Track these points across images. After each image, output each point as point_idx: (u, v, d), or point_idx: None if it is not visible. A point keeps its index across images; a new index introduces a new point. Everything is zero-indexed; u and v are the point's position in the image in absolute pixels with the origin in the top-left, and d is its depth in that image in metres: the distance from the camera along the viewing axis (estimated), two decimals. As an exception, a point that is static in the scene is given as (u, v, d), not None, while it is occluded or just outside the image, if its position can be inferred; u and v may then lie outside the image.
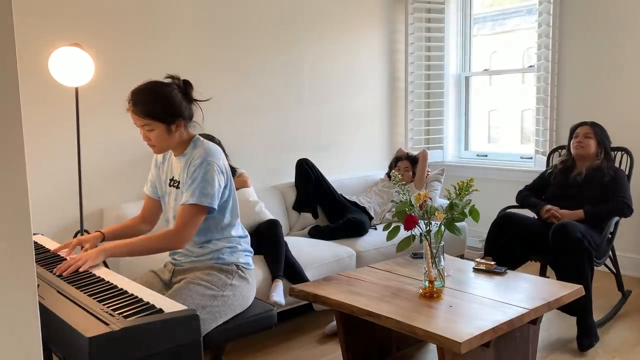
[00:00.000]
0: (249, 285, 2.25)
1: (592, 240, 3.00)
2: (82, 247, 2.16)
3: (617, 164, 3.45)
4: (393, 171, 2.98)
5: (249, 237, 2.35)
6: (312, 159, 4.01)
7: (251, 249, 2.34)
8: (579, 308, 2.89)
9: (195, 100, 2.23)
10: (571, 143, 3.44)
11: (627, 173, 3.40)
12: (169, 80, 2.17)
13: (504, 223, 3.22)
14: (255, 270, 2.95)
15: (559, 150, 3.78)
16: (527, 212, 3.46)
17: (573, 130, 3.47)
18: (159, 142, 2.13)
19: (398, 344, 2.87)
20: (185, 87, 2.19)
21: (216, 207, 2.10)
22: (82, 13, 3.29)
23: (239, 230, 2.29)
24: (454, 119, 5.16)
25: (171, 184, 2.22)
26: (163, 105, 2.08)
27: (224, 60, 3.92)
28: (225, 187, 2.16)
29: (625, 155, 3.51)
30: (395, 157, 4.43)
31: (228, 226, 2.22)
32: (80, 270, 1.92)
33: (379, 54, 4.87)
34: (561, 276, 2.93)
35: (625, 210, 3.19)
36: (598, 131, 3.39)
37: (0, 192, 0.95)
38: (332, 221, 3.87)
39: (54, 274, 1.90)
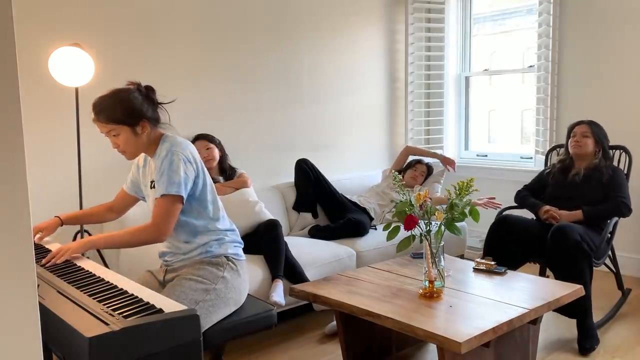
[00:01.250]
0: (241, 278, 2.26)
1: (591, 243, 2.99)
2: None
3: (615, 163, 3.44)
4: (394, 171, 2.98)
5: (237, 230, 2.36)
6: (311, 159, 4.01)
7: (240, 240, 2.35)
8: (578, 310, 2.88)
9: (160, 103, 2.25)
10: (569, 142, 3.42)
11: (625, 172, 3.40)
12: (129, 86, 2.20)
13: (501, 227, 3.21)
14: (254, 269, 2.97)
15: (557, 149, 3.78)
16: (525, 213, 3.45)
17: (571, 129, 3.45)
18: (128, 147, 2.16)
19: (398, 344, 2.87)
20: (147, 91, 2.22)
21: (184, 195, 2.10)
22: (82, 13, 3.29)
23: (226, 223, 2.30)
24: (454, 119, 5.16)
25: (151, 185, 2.24)
26: (124, 108, 2.12)
27: (224, 60, 3.92)
28: (197, 177, 2.17)
29: (623, 154, 3.51)
30: (417, 159, 4.40)
31: (212, 220, 2.24)
32: (59, 261, 2.05)
33: (379, 54, 4.87)
34: (559, 279, 2.93)
35: (624, 210, 3.18)
36: (596, 130, 3.36)
37: (0, 192, 0.95)
38: (332, 221, 3.87)
39: (42, 265, 2.00)
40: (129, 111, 2.12)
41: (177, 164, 2.09)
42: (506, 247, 3.16)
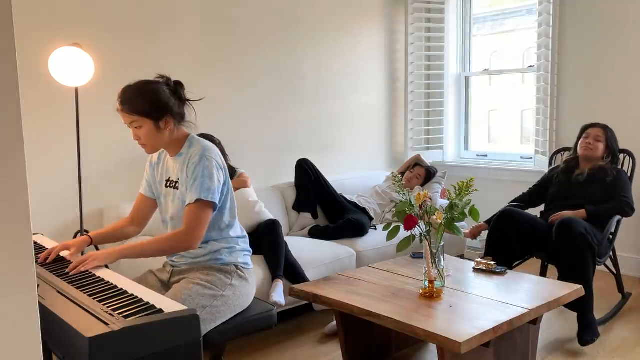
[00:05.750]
0: (249, 284, 2.25)
1: (595, 238, 3.00)
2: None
3: (619, 166, 3.45)
4: (394, 172, 2.98)
5: (247, 237, 2.34)
6: (312, 159, 4.01)
7: (249, 249, 2.34)
8: (580, 305, 2.89)
9: (187, 100, 2.21)
10: (579, 142, 3.43)
11: (629, 174, 3.41)
12: (158, 79, 2.16)
13: (505, 220, 3.21)
14: (254, 270, 2.97)
15: (562, 152, 3.79)
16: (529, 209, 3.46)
17: (584, 130, 3.46)
18: (149, 140, 2.11)
19: (398, 344, 2.87)
20: (176, 86, 2.18)
21: (217, 202, 2.09)
22: (82, 13, 3.29)
23: (237, 230, 2.28)
24: (454, 119, 5.16)
25: (168, 184, 2.21)
26: (149, 101, 2.07)
27: (224, 60, 3.92)
28: (224, 184, 2.16)
29: (627, 157, 3.51)
30: (416, 162, 4.40)
31: (227, 227, 2.22)
32: (83, 269, 1.94)
33: (379, 54, 4.87)
34: (563, 271, 2.94)
35: (627, 209, 3.19)
36: (610, 135, 3.39)
37: (0, 192, 0.95)
38: (331, 221, 3.87)
39: (67, 273, 1.92)
40: (154, 104, 2.07)
41: (211, 170, 2.07)
42: (509, 241, 3.16)
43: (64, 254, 2.15)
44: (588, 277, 2.87)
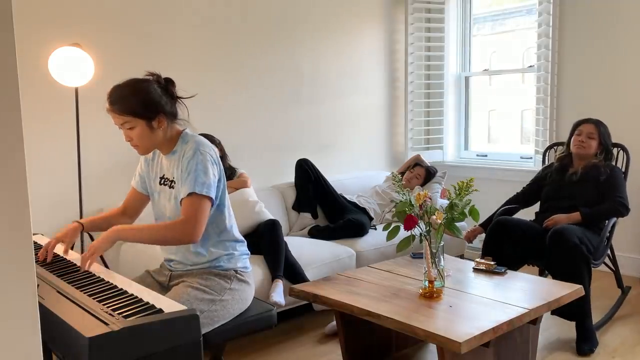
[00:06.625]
0: (248, 287, 2.23)
1: (589, 244, 2.97)
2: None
3: (613, 161, 3.39)
4: (394, 172, 2.98)
5: (245, 241, 2.30)
6: (312, 159, 4.01)
7: (248, 251, 2.30)
8: (577, 312, 2.88)
9: (179, 97, 2.15)
10: (572, 139, 3.38)
11: (623, 170, 3.37)
12: (148, 77, 2.10)
13: (499, 230, 3.18)
14: (254, 270, 2.97)
15: (555, 147, 3.75)
16: (523, 215, 3.42)
17: (576, 126, 3.40)
18: (142, 141, 2.05)
19: (398, 344, 2.87)
20: (167, 84, 2.12)
21: (213, 197, 2.03)
22: (82, 13, 3.29)
23: (236, 232, 2.24)
24: (454, 119, 5.16)
25: (162, 182, 2.17)
26: (141, 100, 2.00)
27: (224, 60, 3.92)
28: (219, 180, 2.10)
29: (621, 152, 3.47)
30: (416, 162, 4.40)
31: (226, 229, 2.18)
32: (87, 266, 1.94)
33: (379, 54, 4.87)
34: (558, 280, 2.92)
35: (622, 210, 3.15)
36: (602, 131, 3.32)
37: (0, 192, 0.95)
38: (331, 221, 3.87)
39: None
40: (145, 104, 2.00)
41: (204, 164, 2.01)
42: (504, 250, 3.13)
43: (59, 249, 2.14)
44: (584, 287, 2.86)
